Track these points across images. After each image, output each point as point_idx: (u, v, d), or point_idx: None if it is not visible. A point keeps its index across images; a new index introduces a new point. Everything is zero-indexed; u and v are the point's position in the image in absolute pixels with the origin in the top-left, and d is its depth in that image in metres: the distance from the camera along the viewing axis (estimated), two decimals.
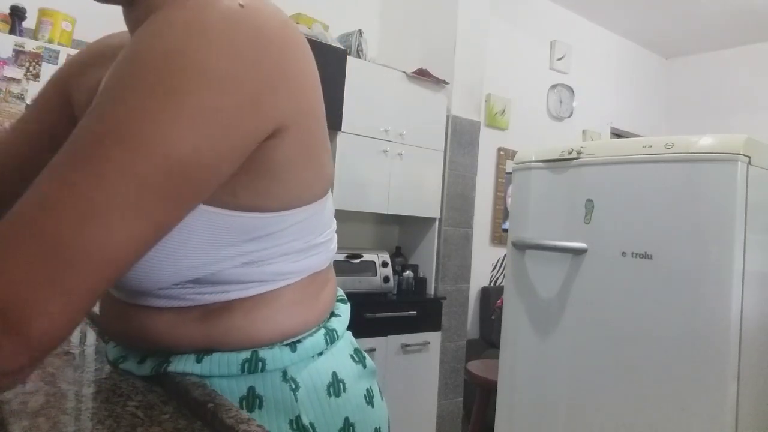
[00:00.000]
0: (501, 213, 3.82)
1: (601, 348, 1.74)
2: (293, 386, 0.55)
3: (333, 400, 0.57)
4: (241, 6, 0.46)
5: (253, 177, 0.50)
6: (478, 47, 3.12)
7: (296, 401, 0.55)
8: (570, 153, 1.88)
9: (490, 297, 3.55)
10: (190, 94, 0.42)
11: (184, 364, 0.54)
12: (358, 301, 2.58)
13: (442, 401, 2.92)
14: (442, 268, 2.95)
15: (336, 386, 0.58)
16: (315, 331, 0.59)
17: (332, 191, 0.65)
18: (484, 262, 3.65)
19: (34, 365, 0.41)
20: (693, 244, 1.56)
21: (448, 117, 2.98)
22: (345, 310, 0.65)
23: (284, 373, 0.55)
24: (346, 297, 0.69)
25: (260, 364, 0.54)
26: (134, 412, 0.52)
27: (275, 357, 0.55)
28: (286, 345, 0.56)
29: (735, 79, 4.60)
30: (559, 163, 1.92)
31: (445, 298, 2.90)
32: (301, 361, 0.56)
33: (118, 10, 0.57)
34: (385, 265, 2.75)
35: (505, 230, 3.02)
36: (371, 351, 2.52)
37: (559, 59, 4.17)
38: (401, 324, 2.66)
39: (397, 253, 3.04)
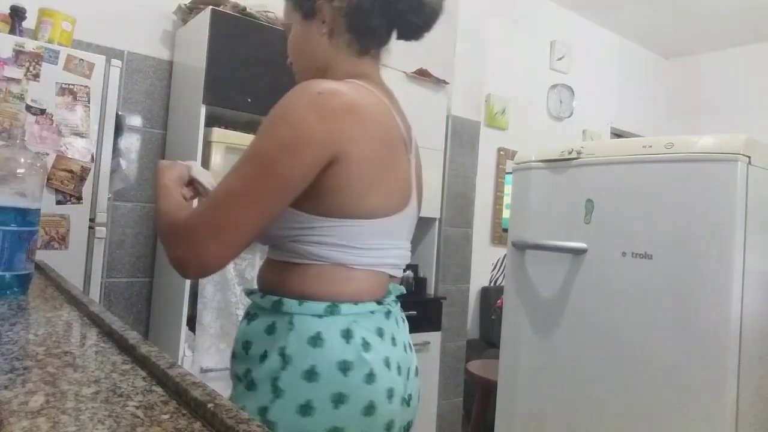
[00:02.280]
0: (501, 213, 3.82)
1: (601, 348, 1.74)
2: (290, 328, 0.82)
3: (311, 348, 0.81)
4: (319, 93, 0.81)
5: (310, 192, 0.82)
6: (478, 47, 3.12)
7: (287, 337, 0.82)
8: (570, 153, 1.88)
9: (490, 297, 3.55)
10: (278, 138, 0.80)
11: (259, 298, 0.89)
12: None
13: (442, 401, 2.92)
14: (442, 268, 2.95)
15: (317, 341, 0.81)
16: (321, 302, 0.83)
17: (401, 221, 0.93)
18: (484, 262, 3.65)
19: (199, 273, 0.81)
20: (693, 244, 1.56)
21: (448, 117, 2.98)
22: (375, 311, 0.88)
23: (290, 319, 0.83)
24: (390, 311, 0.92)
25: (280, 305, 0.84)
26: (134, 412, 0.52)
27: (288, 305, 0.84)
28: (296, 300, 0.84)
29: (735, 79, 4.60)
30: (559, 163, 1.92)
31: (445, 298, 2.90)
32: (303, 314, 0.83)
33: (117, 11, 0.58)
34: None
35: (505, 230, 3.02)
36: None
37: (559, 59, 4.17)
38: None
39: None
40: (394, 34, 0.97)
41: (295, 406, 0.78)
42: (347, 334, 0.82)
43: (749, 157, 1.52)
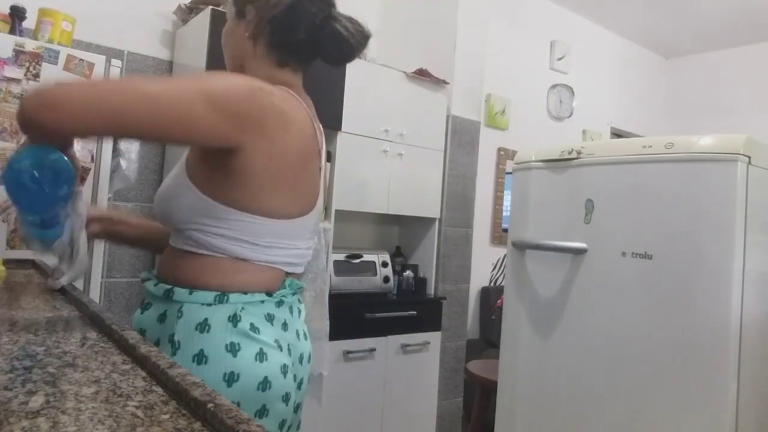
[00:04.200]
0: (501, 213, 3.82)
1: (601, 348, 1.74)
2: (179, 316, 0.87)
3: (198, 334, 0.85)
4: (260, 89, 0.86)
5: (221, 179, 0.87)
6: (478, 47, 3.12)
7: (176, 325, 0.87)
8: (570, 153, 1.88)
9: (490, 297, 3.54)
10: (211, 86, 0.82)
11: (152, 286, 0.93)
12: (358, 301, 2.58)
13: (442, 401, 2.92)
14: (442, 268, 2.95)
15: (204, 326, 0.86)
16: (210, 291, 0.87)
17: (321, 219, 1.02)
18: (484, 262, 3.65)
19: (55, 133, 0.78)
20: (693, 244, 1.56)
21: (448, 117, 2.98)
22: (264, 300, 0.91)
23: (180, 308, 0.88)
24: (282, 301, 0.95)
25: (171, 294, 0.89)
26: (134, 412, 0.52)
27: (178, 294, 0.88)
28: (186, 289, 0.88)
29: (735, 79, 4.60)
30: (559, 163, 1.92)
31: (445, 298, 2.90)
32: (192, 303, 0.87)
33: (117, 12, 0.58)
34: (385, 265, 2.75)
35: (505, 230, 3.02)
36: (371, 351, 2.52)
37: (559, 59, 4.17)
38: (401, 324, 2.66)
39: (397, 253, 3.03)
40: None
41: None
42: (234, 319, 0.87)
43: (749, 157, 1.51)
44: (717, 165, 1.53)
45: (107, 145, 1.90)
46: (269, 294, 0.92)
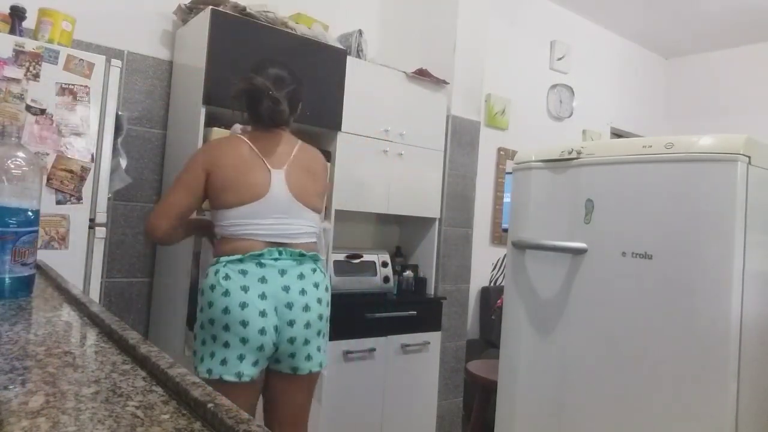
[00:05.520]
0: (501, 213, 3.82)
1: (601, 348, 1.74)
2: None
3: (203, 279, 1.61)
4: (209, 141, 1.99)
5: (209, 193, 1.66)
6: (477, 47, 3.12)
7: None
8: (570, 153, 1.88)
9: (490, 297, 3.55)
10: (187, 164, 1.70)
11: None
12: (358, 301, 2.58)
13: (442, 401, 2.92)
14: (442, 268, 2.95)
15: (205, 275, 1.60)
16: (215, 257, 1.62)
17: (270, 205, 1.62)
18: (484, 262, 3.65)
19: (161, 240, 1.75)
20: (693, 244, 1.56)
21: (448, 117, 2.98)
22: (243, 259, 1.58)
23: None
24: (262, 263, 1.58)
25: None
26: (134, 412, 0.52)
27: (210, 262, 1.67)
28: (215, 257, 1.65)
29: (735, 79, 4.60)
30: (559, 163, 1.92)
31: (445, 298, 2.90)
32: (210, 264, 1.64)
33: (117, 11, 0.58)
34: (385, 265, 2.75)
35: (505, 230, 3.02)
36: (371, 351, 2.52)
37: (559, 59, 4.17)
38: (401, 324, 2.66)
39: (397, 253, 3.03)
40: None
41: (198, 308, 1.60)
42: (216, 272, 1.56)
43: (749, 157, 1.52)
44: (717, 165, 1.53)
45: (107, 145, 1.90)
46: (244, 254, 1.56)
